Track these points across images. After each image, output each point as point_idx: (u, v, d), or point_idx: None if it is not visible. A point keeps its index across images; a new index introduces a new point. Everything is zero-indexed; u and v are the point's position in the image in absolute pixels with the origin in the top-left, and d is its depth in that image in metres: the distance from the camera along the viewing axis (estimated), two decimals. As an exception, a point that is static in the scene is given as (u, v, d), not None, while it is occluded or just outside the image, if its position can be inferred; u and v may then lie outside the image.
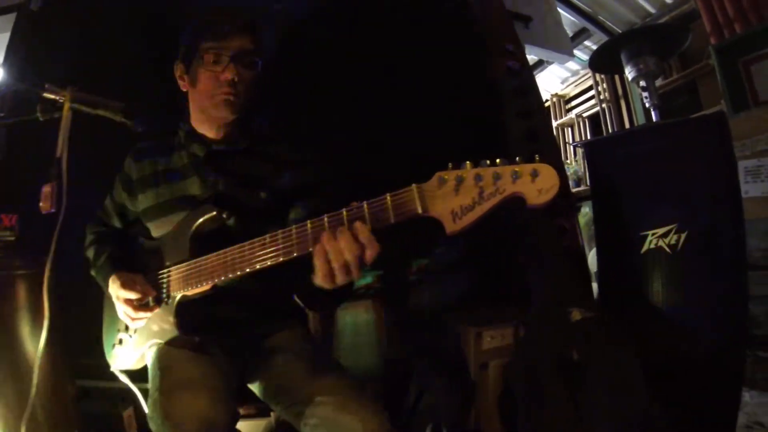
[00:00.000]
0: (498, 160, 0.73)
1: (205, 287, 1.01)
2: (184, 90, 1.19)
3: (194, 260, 1.03)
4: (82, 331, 1.29)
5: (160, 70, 1.26)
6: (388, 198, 0.78)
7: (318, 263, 0.82)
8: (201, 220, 1.06)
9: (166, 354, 1.05)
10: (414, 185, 0.76)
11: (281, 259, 0.87)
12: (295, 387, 1.00)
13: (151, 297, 1.08)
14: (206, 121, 1.16)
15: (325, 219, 0.83)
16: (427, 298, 1.83)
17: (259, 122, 1.28)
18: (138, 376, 1.22)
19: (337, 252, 0.79)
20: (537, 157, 0.72)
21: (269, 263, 0.89)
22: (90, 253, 1.24)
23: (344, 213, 0.81)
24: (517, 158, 0.72)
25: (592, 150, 1.77)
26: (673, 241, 1.42)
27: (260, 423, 1.24)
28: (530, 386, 1.24)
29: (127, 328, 1.17)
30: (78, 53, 1.80)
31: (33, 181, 0.93)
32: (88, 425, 1.49)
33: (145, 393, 1.18)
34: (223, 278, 0.97)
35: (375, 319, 1.87)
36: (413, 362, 1.66)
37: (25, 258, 1.33)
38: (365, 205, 0.80)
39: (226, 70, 1.07)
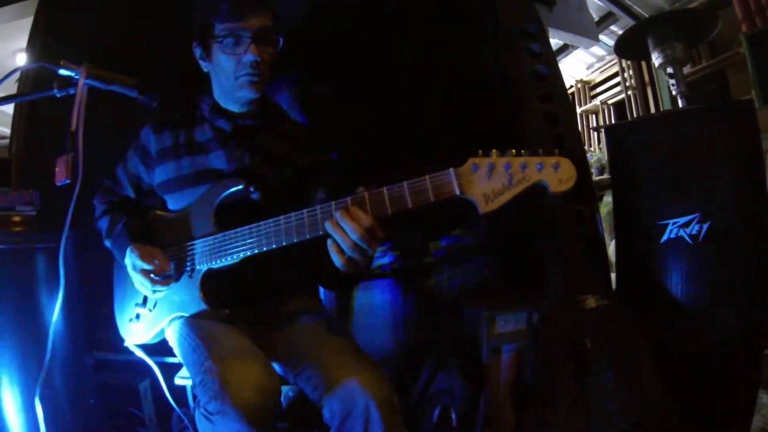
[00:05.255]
0: (522, 151, 0.81)
1: (234, 260, 1.02)
2: (206, 71, 1.20)
3: (221, 234, 1.03)
4: (102, 304, 1.32)
5: (176, 45, 1.27)
6: (427, 179, 0.84)
7: (330, 241, 0.89)
8: (227, 192, 1.06)
9: (199, 326, 1.04)
10: (452, 168, 0.83)
11: (307, 236, 0.93)
12: (302, 351, 1.02)
13: (169, 270, 1.09)
14: (229, 98, 1.17)
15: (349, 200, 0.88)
16: (445, 280, 1.81)
17: (277, 99, 1.29)
18: (153, 350, 1.23)
19: (343, 234, 0.86)
20: (557, 151, 0.81)
21: (295, 240, 0.94)
22: (104, 224, 1.23)
23: (366, 196, 0.87)
24: (540, 150, 0.80)
25: (614, 134, 1.71)
26: (694, 232, 1.38)
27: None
28: (541, 373, 1.23)
29: (145, 302, 1.17)
30: (96, 31, 1.82)
31: (53, 158, 0.95)
32: (104, 396, 1.53)
33: (161, 367, 1.21)
34: (251, 252, 0.99)
35: (391, 299, 1.86)
36: (428, 344, 1.66)
37: (44, 232, 1.36)
38: (384, 190, 0.86)
39: (248, 51, 1.07)
